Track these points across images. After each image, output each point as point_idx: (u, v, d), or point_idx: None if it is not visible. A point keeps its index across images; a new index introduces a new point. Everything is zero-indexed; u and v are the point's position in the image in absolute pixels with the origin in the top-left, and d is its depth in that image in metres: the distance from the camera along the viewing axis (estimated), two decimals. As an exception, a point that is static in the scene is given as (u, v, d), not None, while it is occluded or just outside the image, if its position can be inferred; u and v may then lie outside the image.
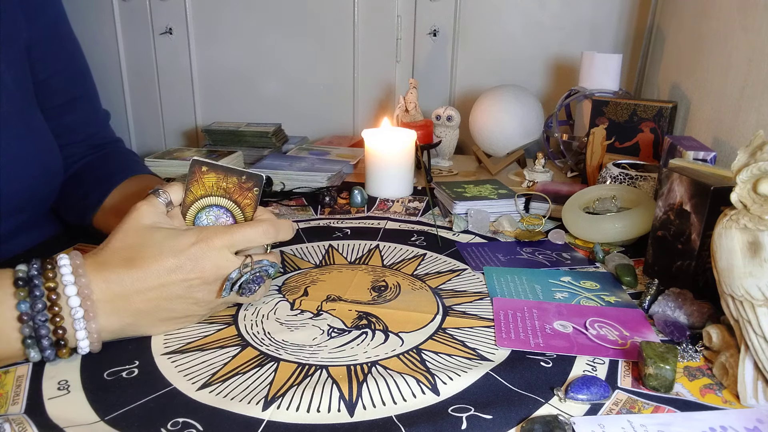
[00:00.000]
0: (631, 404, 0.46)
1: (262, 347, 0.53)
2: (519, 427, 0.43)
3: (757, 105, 0.76)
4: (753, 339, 0.46)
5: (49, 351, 0.47)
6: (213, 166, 0.55)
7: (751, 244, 0.46)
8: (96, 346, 0.50)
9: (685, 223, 0.62)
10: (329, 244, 0.78)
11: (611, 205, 0.80)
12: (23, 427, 0.42)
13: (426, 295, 0.64)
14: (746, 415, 0.45)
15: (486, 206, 0.88)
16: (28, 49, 0.70)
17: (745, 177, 0.47)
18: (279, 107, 1.54)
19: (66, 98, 0.76)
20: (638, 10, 1.31)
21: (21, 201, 0.68)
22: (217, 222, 0.56)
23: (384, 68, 1.47)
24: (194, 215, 0.56)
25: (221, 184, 0.55)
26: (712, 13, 0.94)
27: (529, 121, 1.14)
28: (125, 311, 0.50)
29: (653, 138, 1.01)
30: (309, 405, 0.45)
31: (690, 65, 1.02)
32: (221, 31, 1.51)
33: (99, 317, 0.49)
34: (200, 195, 0.55)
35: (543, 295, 0.64)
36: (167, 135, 1.64)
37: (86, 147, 0.79)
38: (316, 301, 0.62)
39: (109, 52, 1.55)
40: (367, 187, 1.01)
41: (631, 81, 1.35)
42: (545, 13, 1.36)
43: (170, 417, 0.43)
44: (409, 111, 1.21)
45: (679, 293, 0.59)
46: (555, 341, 0.55)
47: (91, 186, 0.74)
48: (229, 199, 0.56)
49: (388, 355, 0.52)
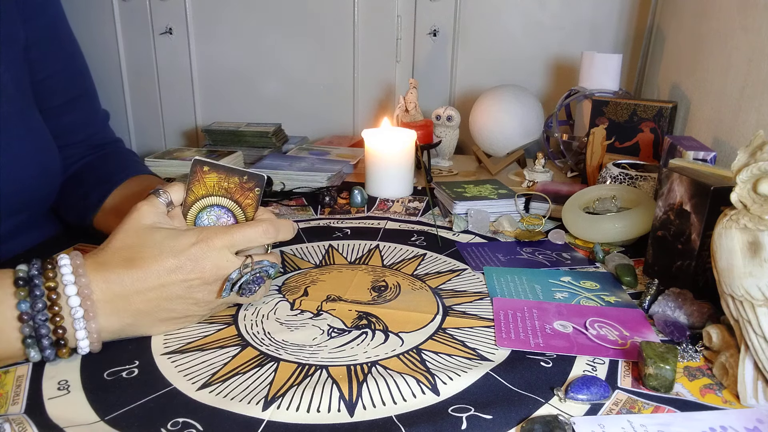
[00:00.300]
0: (631, 404, 0.46)
1: (262, 347, 0.53)
2: (519, 427, 0.43)
3: (757, 105, 0.76)
4: (753, 339, 0.46)
5: (49, 351, 0.47)
6: (214, 166, 0.55)
7: (751, 244, 0.46)
8: (96, 346, 0.50)
9: (685, 223, 0.62)
10: (329, 244, 0.78)
11: (611, 205, 0.80)
12: (23, 427, 0.42)
13: (426, 295, 0.64)
14: (746, 415, 0.45)
15: (486, 206, 0.88)
16: (27, 49, 0.70)
17: (745, 177, 0.47)
18: (279, 107, 1.54)
19: (65, 98, 0.76)
20: (638, 10, 1.31)
21: (20, 201, 0.68)
22: (218, 222, 0.56)
23: (384, 68, 1.47)
24: (195, 215, 0.56)
25: (222, 184, 0.55)
26: (712, 13, 0.94)
27: (529, 121, 1.14)
28: (125, 311, 0.50)
29: (653, 138, 1.01)
30: (309, 405, 0.45)
31: (690, 65, 1.02)
32: (221, 31, 1.51)
33: (99, 317, 0.49)
34: (201, 195, 0.55)
35: (543, 295, 0.64)
36: (167, 135, 1.64)
37: (86, 147, 0.79)
38: (316, 301, 0.62)
39: (109, 52, 1.55)
40: (367, 187, 1.01)
41: (631, 81, 1.35)
42: (545, 13, 1.36)
43: (170, 417, 0.43)
44: (409, 111, 1.21)
45: (679, 293, 0.59)
46: (555, 341, 0.55)
47: (91, 186, 0.74)
48: (231, 199, 0.56)
49: (388, 355, 0.52)
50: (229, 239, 0.53)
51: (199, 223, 0.56)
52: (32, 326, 0.47)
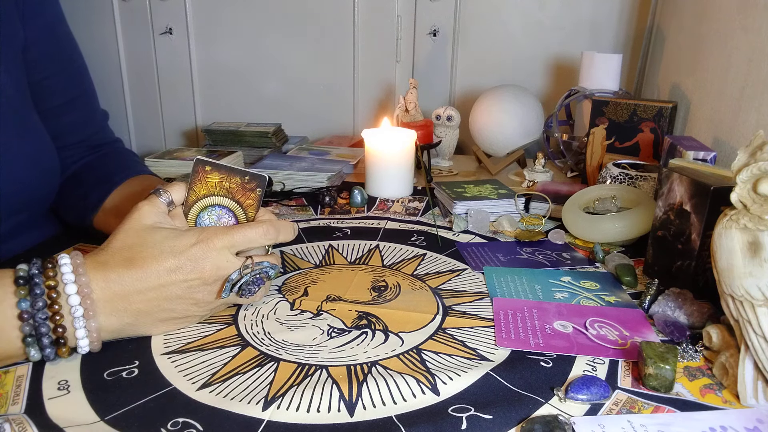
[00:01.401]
0: (631, 404, 0.46)
1: (262, 347, 0.53)
2: (519, 427, 0.43)
3: (757, 105, 0.76)
4: (753, 339, 0.46)
5: (49, 350, 0.47)
6: (216, 166, 0.55)
7: (751, 244, 0.46)
8: (96, 345, 0.50)
9: (685, 223, 0.62)
10: (329, 244, 0.78)
11: (611, 205, 0.80)
12: (23, 427, 0.42)
13: (426, 295, 0.64)
14: (746, 415, 0.45)
15: (486, 206, 0.88)
16: (26, 49, 0.69)
17: (745, 177, 0.47)
18: (279, 107, 1.54)
19: (64, 99, 0.75)
20: (638, 10, 1.31)
21: (19, 201, 0.68)
22: (219, 222, 0.56)
23: (384, 68, 1.47)
24: (196, 215, 0.56)
25: (224, 183, 0.55)
26: (712, 13, 0.94)
27: (529, 121, 1.14)
28: (125, 311, 0.50)
29: (653, 138, 1.01)
30: (309, 405, 0.45)
31: (690, 65, 1.02)
32: (221, 31, 1.51)
33: (98, 316, 0.49)
34: (203, 194, 0.55)
35: (543, 295, 0.64)
36: (167, 135, 1.64)
37: (85, 148, 0.79)
38: (316, 301, 0.62)
39: (109, 52, 1.55)
40: (367, 187, 1.01)
41: (631, 81, 1.35)
42: (545, 13, 1.36)
43: (170, 417, 0.43)
44: (409, 111, 1.21)
45: (679, 293, 0.59)
46: (555, 341, 0.55)
47: (91, 186, 0.74)
48: (232, 199, 0.56)
49: (388, 355, 0.52)
50: (230, 240, 0.53)
51: (200, 223, 0.56)
52: (32, 324, 0.47)
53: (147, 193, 0.55)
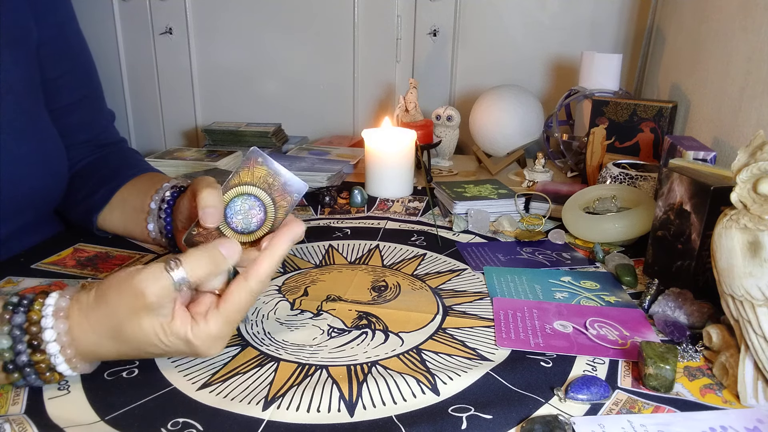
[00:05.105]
0: (631, 404, 0.46)
1: (262, 347, 0.53)
2: (519, 427, 0.43)
3: (757, 105, 0.76)
4: (753, 339, 0.46)
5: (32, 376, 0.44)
6: (268, 161, 0.55)
7: (751, 244, 0.46)
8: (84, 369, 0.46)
9: (685, 223, 0.62)
10: (329, 244, 0.78)
11: (611, 205, 0.80)
12: (23, 427, 0.42)
13: (426, 295, 0.64)
14: (746, 415, 0.45)
15: (486, 206, 0.88)
16: (38, 48, 0.69)
17: (745, 177, 0.47)
18: (279, 107, 1.54)
19: (73, 98, 0.75)
20: (638, 10, 1.31)
21: (25, 203, 0.68)
22: (249, 211, 0.56)
23: (384, 68, 1.47)
24: (231, 198, 0.56)
25: (268, 179, 0.55)
26: (712, 13, 0.94)
27: (529, 121, 1.13)
28: (106, 356, 0.47)
29: (653, 138, 1.01)
30: (309, 405, 0.45)
31: (690, 65, 1.02)
32: (221, 31, 1.51)
33: (78, 358, 0.45)
34: (245, 182, 0.55)
35: (543, 295, 0.64)
36: (167, 135, 1.64)
37: (91, 147, 0.79)
38: (316, 301, 0.62)
39: (109, 52, 1.55)
40: (367, 187, 1.01)
41: (631, 81, 1.35)
42: (545, 13, 1.36)
43: (170, 417, 0.43)
44: (409, 111, 1.21)
45: (679, 293, 0.59)
46: (555, 341, 0.55)
47: (96, 185, 0.73)
48: (269, 195, 0.56)
49: (388, 355, 0.52)
50: (220, 349, 0.47)
51: (231, 206, 0.55)
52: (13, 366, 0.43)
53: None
